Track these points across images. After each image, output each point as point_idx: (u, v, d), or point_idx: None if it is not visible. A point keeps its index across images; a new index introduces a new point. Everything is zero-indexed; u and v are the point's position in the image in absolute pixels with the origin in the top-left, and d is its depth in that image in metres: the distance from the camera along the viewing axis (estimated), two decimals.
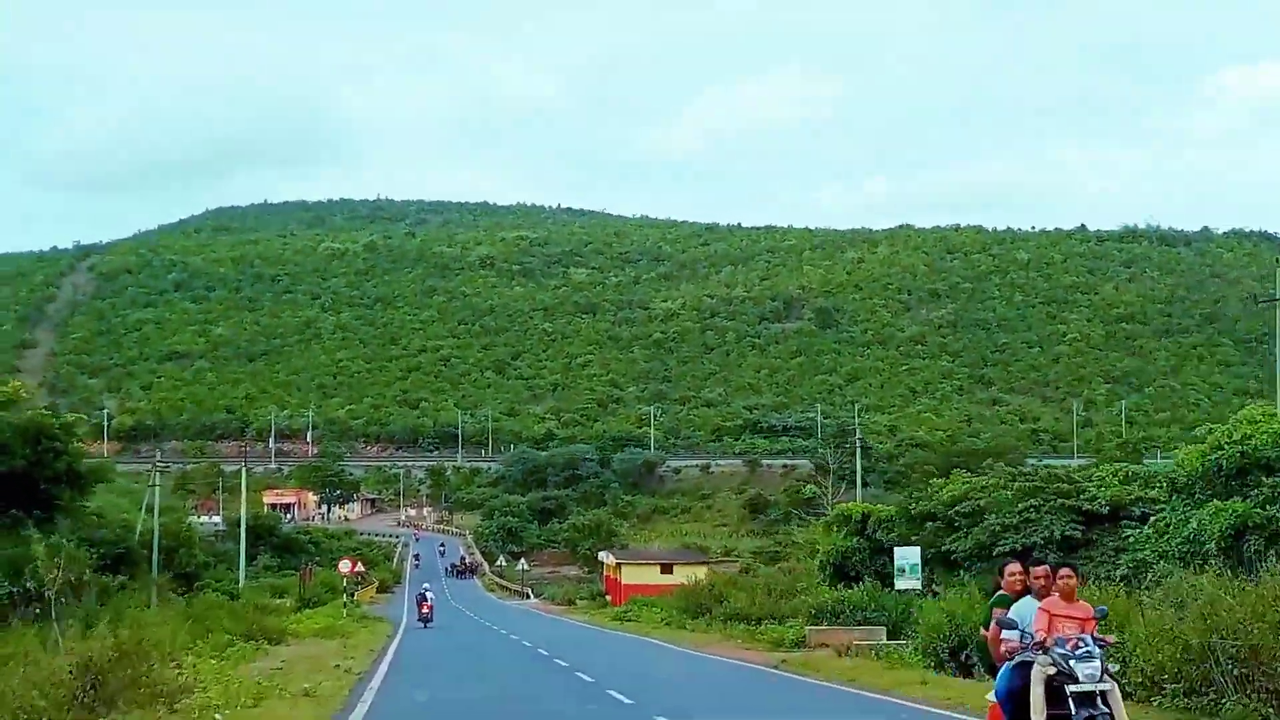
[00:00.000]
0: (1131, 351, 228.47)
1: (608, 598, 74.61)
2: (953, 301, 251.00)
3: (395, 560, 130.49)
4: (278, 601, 70.82)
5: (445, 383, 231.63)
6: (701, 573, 68.33)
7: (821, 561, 50.79)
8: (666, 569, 69.37)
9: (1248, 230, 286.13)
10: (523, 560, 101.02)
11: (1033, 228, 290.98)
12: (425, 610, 61.07)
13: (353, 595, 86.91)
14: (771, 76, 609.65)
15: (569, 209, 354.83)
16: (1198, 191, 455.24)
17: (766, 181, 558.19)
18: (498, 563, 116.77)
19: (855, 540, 49.49)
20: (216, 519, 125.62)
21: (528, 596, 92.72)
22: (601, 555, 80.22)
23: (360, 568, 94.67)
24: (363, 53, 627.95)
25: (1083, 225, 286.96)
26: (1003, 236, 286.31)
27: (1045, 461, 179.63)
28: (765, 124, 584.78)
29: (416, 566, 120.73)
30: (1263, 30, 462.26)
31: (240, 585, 71.94)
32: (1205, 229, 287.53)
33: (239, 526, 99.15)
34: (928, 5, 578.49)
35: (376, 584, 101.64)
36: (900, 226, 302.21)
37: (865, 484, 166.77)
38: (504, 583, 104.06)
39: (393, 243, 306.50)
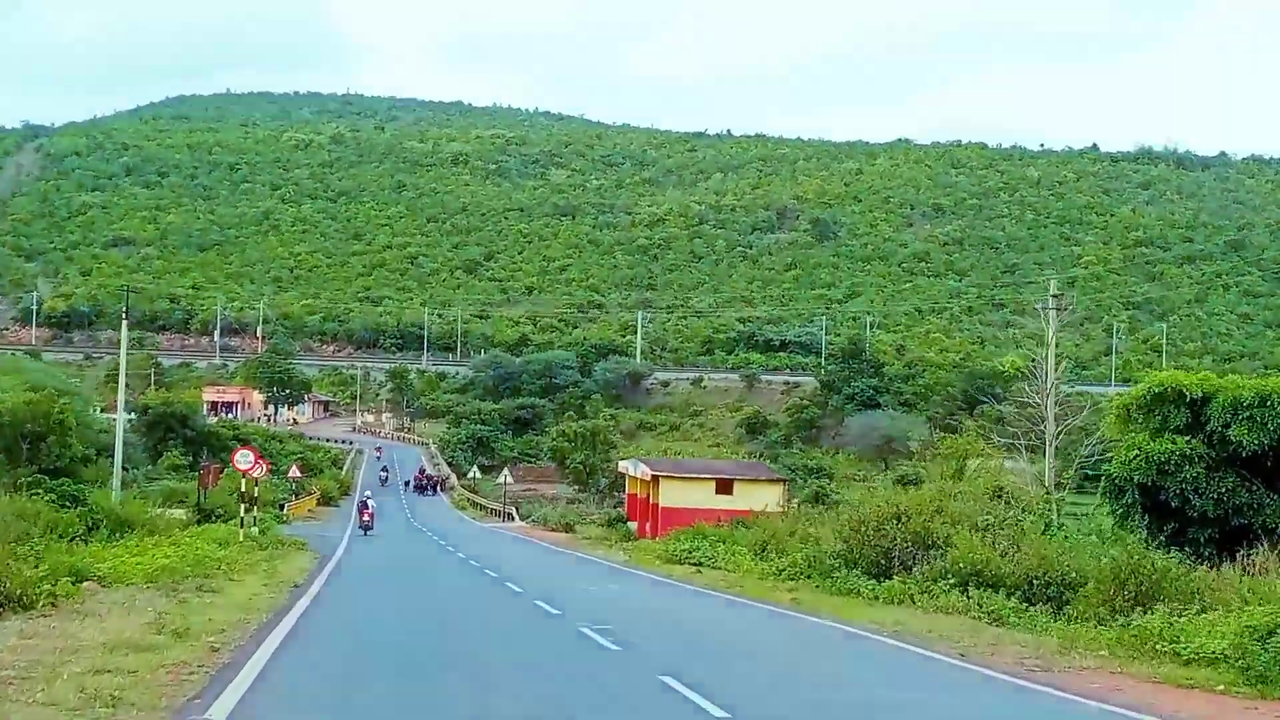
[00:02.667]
0: (1152, 277, 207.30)
1: (630, 525, 52.47)
2: (958, 218, 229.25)
3: (346, 469, 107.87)
4: (170, 514, 49.35)
5: (411, 280, 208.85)
6: (774, 495, 46.35)
7: (1115, 482, 28.59)
8: (724, 487, 47.11)
9: (1268, 157, 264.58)
10: (505, 472, 78.38)
11: (1041, 146, 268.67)
12: (366, 518, 57.68)
13: (283, 508, 64.41)
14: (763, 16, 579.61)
15: (547, 112, 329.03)
16: (1213, 115, 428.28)
17: (757, 102, 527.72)
18: (470, 475, 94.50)
19: (1184, 444, 27.35)
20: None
21: (511, 518, 70.53)
22: (625, 465, 56.64)
23: (296, 472, 72.13)
24: None
25: (1095, 145, 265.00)
26: (1009, 153, 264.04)
27: (1079, 388, 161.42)
28: (756, 45, 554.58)
29: (384, 482, 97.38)
30: None
31: (116, 488, 49.52)
32: (1223, 154, 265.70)
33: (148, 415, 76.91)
34: None
35: (317, 495, 79.21)
36: (898, 140, 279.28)
37: (879, 405, 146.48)
38: (479, 499, 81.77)
39: (361, 136, 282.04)
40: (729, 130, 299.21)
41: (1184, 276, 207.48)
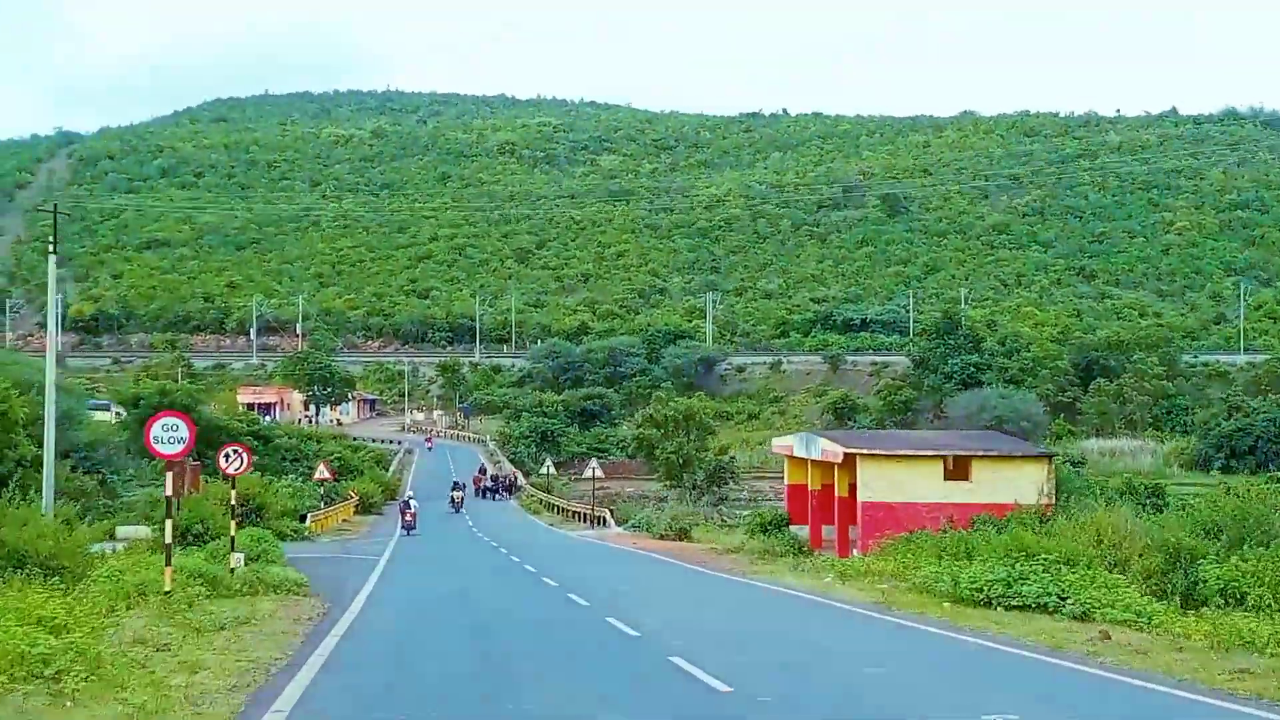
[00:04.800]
0: (1252, 241, 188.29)
1: (797, 531, 34.79)
2: (1037, 188, 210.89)
3: (393, 470, 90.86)
4: (135, 534, 33.61)
5: (460, 271, 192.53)
6: (1034, 478, 29.14)
7: None
8: (958, 469, 29.65)
9: None
10: (594, 465, 60.04)
11: (1118, 112, 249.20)
12: (409, 518, 51.33)
13: (304, 519, 47.67)
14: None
15: (593, 102, 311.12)
16: None
17: (811, 82, 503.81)
18: (545, 470, 76.79)
19: None
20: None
21: (602, 523, 52.93)
22: (785, 444, 37.05)
23: (324, 473, 55.24)
24: None
25: (1174, 108, 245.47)
26: (1085, 120, 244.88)
27: (1203, 358, 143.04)
28: (807, 25, 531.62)
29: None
30: None
31: (47, 504, 33.06)
32: None
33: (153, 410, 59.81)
34: None
35: (355, 500, 62.12)
36: (964, 113, 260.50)
37: (981, 384, 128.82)
38: (558, 500, 64.00)
39: (403, 129, 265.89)
40: (785, 109, 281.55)
41: None
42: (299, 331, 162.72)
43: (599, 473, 57.32)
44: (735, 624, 19.82)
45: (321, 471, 55.07)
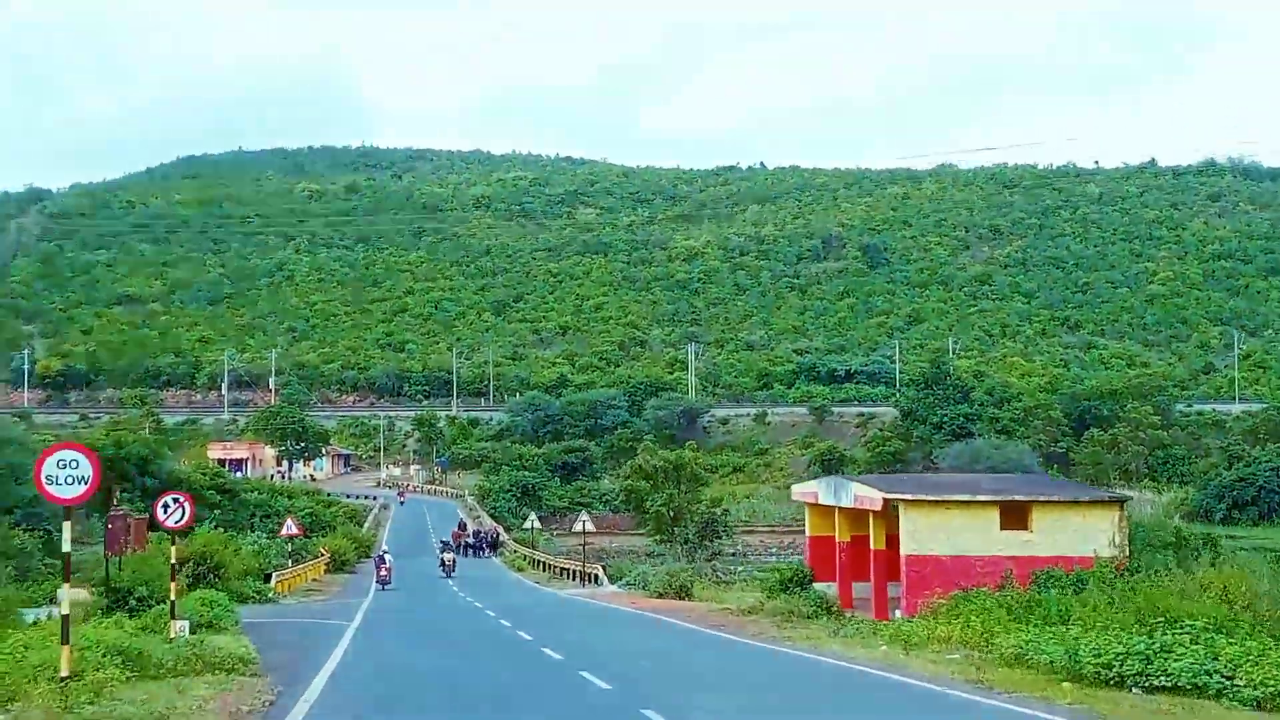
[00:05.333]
0: (1235, 292, 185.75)
1: (823, 588, 29.95)
2: (1018, 238, 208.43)
3: (367, 526, 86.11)
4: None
5: (436, 324, 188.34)
6: (1104, 526, 24.97)
7: None
8: (1015, 516, 25.17)
9: None
10: (583, 517, 54.58)
11: (1096, 164, 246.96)
12: (384, 573, 48.21)
13: (269, 578, 43.24)
14: (785, 44, 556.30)
15: (569, 158, 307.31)
16: (1268, 126, 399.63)
17: (787, 140, 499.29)
18: (528, 525, 71.79)
19: None
20: None
21: (594, 580, 48.08)
22: (808, 490, 32.13)
23: (292, 529, 50.68)
24: (376, 30, 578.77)
25: (1153, 160, 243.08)
26: (1065, 171, 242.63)
27: (1197, 406, 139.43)
28: (781, 89, 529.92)
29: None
30: None
31: None
32: None
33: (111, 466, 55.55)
34: None
35: (326, 558, 57.39)
36: (941, 165, 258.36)
37: (972, 435, 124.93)
38: (546, 557, 58.82)
39: (377, 184, 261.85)
40: (762, 163, 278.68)
41: (1271, 289, 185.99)
42: (272, 386, 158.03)
43: (590, 526, 52.70)
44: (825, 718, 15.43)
45: (289, 527, 50.23)
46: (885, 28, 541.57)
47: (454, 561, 54.14)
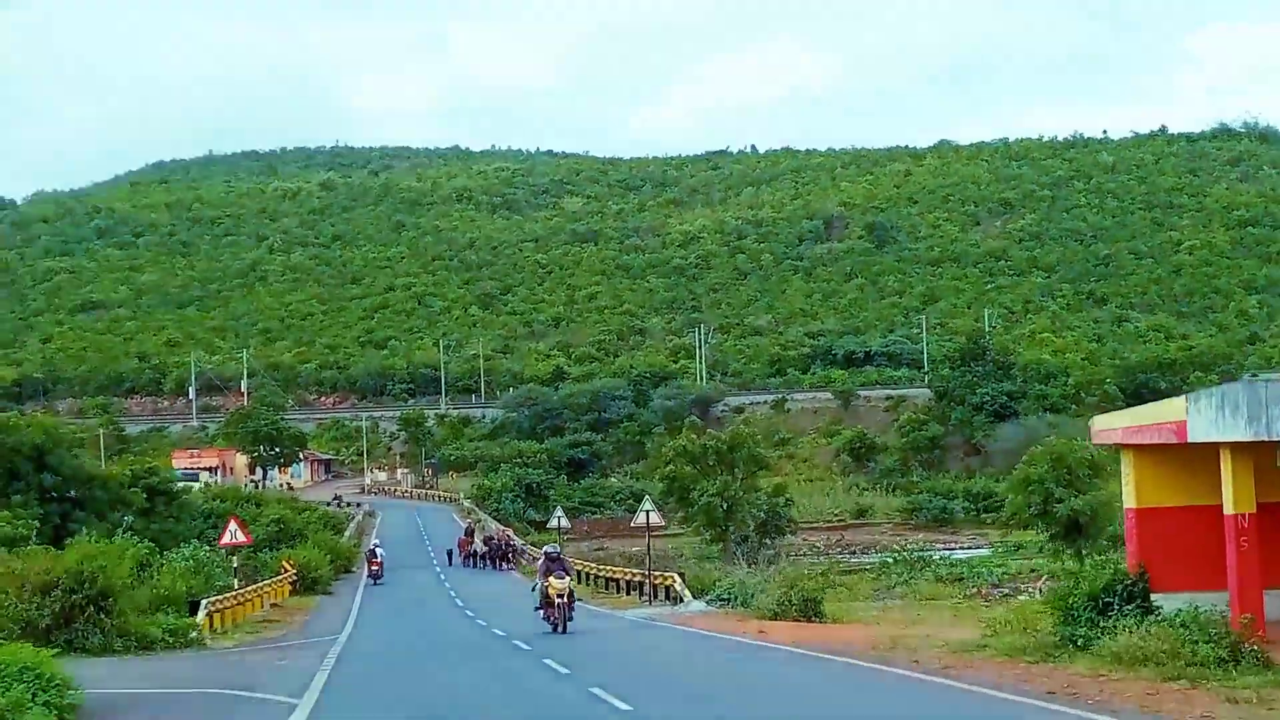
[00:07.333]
0: (1268, 259, 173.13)
1: (1186, 606, 16.00)
2: (1031, 211, 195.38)
3: (349, 535, 72.19)
4: None
5: (420, 320, 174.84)
6: None
7: None
8: None
9: None
10: (648, 506, 38.29)
11: (1104, 133, 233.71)
12: (375, 567, 49.29)
13: (196, 608, 29.09)
14: (765, 48, 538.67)
15: (550, 151, 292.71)
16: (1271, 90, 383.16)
17: (777, 123, 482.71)
18: (553, 522, 57.11)
19: None
20: None
21: (671, 597, 33.04)
22: (1147, 417, 19.51)
23: (238, 535, 36.22)
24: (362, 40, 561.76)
25: (1163, 126, 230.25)
26: (1072, 141, 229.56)
27: (1265, 375, 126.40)
28: (771, 75, 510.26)
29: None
30: None
31: None
32: None
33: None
34: None
35: (290, 575, 43.43)
36: (941, 141, 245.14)
37: (1016, 414, 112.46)
38: (592, 567, 43.91)
39: (353, 181, 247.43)
40: (753, 146, 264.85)
41: None
42: (244, 389, 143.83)
43: (656, 518, 37.67)
44: None
45: (233, 533, 35.44)
46: (863, 16, 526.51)
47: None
